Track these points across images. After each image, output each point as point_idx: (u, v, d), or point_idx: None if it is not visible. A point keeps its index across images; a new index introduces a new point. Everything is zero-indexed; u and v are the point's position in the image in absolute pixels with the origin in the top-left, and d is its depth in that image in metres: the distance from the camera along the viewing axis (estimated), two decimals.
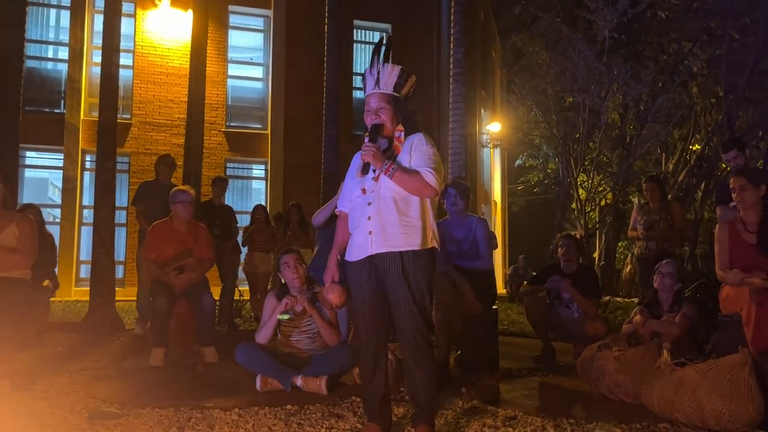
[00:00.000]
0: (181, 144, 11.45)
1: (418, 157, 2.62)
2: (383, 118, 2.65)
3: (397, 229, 2.58)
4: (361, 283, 2.65)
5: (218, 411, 3.17)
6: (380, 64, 2.65)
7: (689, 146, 16.25)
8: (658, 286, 4.29)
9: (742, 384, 2.85)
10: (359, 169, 2.69)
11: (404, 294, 2.57)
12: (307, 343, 3.92)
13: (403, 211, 2.60)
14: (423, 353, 2.61)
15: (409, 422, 2.90)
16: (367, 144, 2.56)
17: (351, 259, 2.69)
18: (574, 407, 3.44)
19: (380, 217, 2.59)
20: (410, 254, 2.58)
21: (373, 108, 2.66)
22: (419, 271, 2.59)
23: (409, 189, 2.59)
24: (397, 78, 2.66)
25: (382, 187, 2.61)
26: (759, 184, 3.59)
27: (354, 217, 2.72)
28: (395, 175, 2.55)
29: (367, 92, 2.70)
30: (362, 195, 2.66)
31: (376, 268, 2.63)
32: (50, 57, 13.30)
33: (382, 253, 2.59)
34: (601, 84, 10.49)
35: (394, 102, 2.67)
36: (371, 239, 2.60)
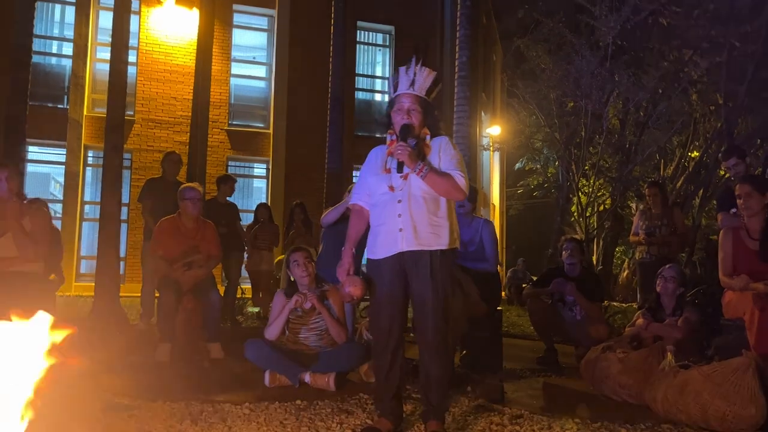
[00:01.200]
0: (184, 141, 11.50)
1: (447, 160, 2.68)
2: (413, 119, 2.71)
3: (427, 227, 2.64)
4: (385, 280, 2.70)
5: (229, 405, 3.21)
6: (418, 67, 2.71)
7: (688, 153, 16.35)
8: (661, 291, 4.36)
9: (745, 386, 2.91)
10: (384, 165, 2.73)
11: (430, 292, 2.63)
12: (314, 340, 3.97)
13: (432, 211, 2.66)
14: (441, 352, 2.67)
15: (417, 418, 2.96)
16: (401, 144, 2.61)
17: (377, 257, 2.73)
18: (578, 407, 3.50)
19: (411, 215, 2.65)
20: (438, 253, 2.65)
21: (405, 107, 2.71)
22: (445, 271, 2.66)
23: (440, 190, 2.65)
24: (431, 83, 2.73)
25: (413, 186, 2.66)
26: (765, 192, 3.65)
27: (379, 214, 2.75)
28: (428, 176, 2.60)
29: (400, 91, 2.75)
30: (390, 192, 2.70)
31: (403, 265, 2.67)
32: (54, 52, 13.31)
33: (412, 251, 2.64)
34: (604, 90, 10.57)
35: (425, 105, 2.74)
36: (402, 236, 2.65)
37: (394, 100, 2.76)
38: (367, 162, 2.88)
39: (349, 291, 2.73)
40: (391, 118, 2.78)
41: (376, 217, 2.79)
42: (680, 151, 16.55)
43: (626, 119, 14.02)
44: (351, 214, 2.93)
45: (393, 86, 2.80)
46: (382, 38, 14.90)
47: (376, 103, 15.00)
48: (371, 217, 2.82)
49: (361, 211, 2.86)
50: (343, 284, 2.76)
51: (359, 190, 2.89)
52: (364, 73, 14.80)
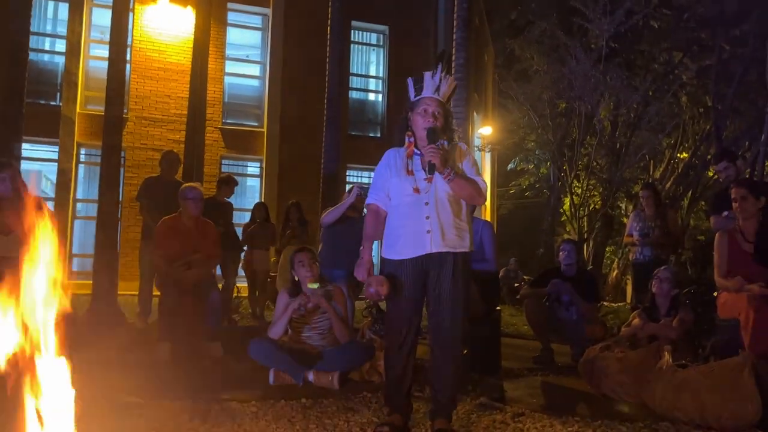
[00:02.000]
0: (177, 140, 11.48)
1: (468, 166, 2.77)
2: (438, 123, 2.77)
3: (453, 230, 2.71)
4: (409, 281, 2.75)
5: (236, 403, 3.26)
6: (443, 74, 2.78)
7: (677, 154, 16.52)
8: (656, 291, 4.44)
9: (742, 385, 3.00)
10: (406, 167, 2.77)
11: (448, 293, 2.70)
12: (317, 339, 4.02)
13: (456, 214, 2.74)
14: (455, 351, 2.74)
15: (423, 416, 3.02)
16: (432, 146, 2.67)
17: (398, 257, 2.78)
18: (578, 406, 3.57)
19: (438, 218, 2.71)
20: (461, 255, 2.72)
21: (430, 111, 2.77)
22: (465, 273, 2.73)
23: (463, 194, 2.72)
24: (451, 92, 2.80)
25: (439, 189, 2.73)
26: (759, 195, 3.74)
27: (403, 215, 2.79)
28: (455, 180, 2.67)
29: (425, 94, 2.81)
30: (415, 194, 2.75)
31: (428, 266, 2.73)
32: (47, 49, 13.25)
33: (439, 253, 2.70)
34: (596, 92, 10.68)
35: (446, 111, 2.81)
36: (430, 238, 2.70)
37: (417, 103, 2.81)
38: (384, 164, 2.90)
39: (376, 290, 2.73)
40: (411, 121, 2.83)
41: (398, 218, 2.82)
42: (669, 153, 16.74)
43: (617, 121, 14.16)
44: (368, 213, 2.97)
45: (415, 90, 2.85)
46: (376, 38, 14.93)
47: (369, 103, 15.03)
48: (392, 218, 2.85)
49: (378, 210, 2.90)
50: (368, 283, 2.76)
51: (377, 191, 2.91)
52: (358, 73, 14.83)
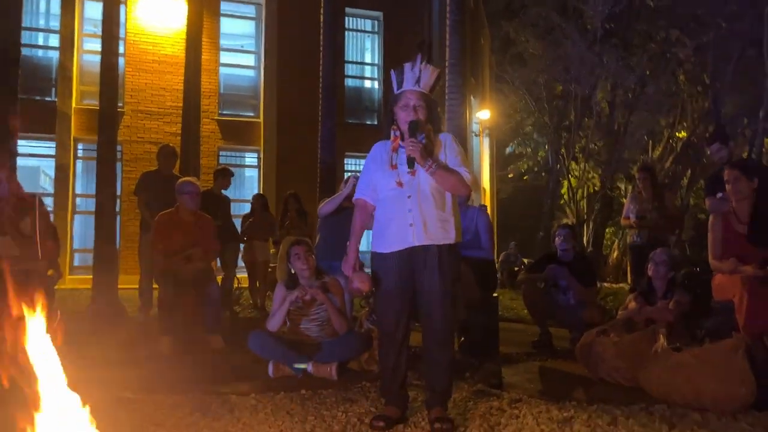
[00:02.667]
0: (174, 132, 11.46)
1: (453, 157, 2.75)
2: (419, 116, 2.76)
3: (436, 222, 2.72)
4: (394, 273, 2.77)
5: (235, 396, 3.28)
6: (423, 64, 2.76)
7: (676, 134, 16.50)
8: (653, 274, 4.45)
9: (735, 367, 3.02)
10: (390, 161, 2.78)
11: (437, 285, 2.71)
12: (316, 330, 4.04)
13: (440, 206, 2.74)
14: (446, 341, 2.76)
15: (420, 405, 3.05)
16: (412, 140, 2.66)
17: (385, 250, 2.80)
18: (575, 390, 3.60)
19: (421, 211, 2.71)
20: (445, 247, 2.73)
21: (411, 104, 2.76)
22: (451, 264, 2.74)
23: (447, 186, 2.72)
24: (434, 81, 2.78)
25: (421, 182, 2.72)
26: (752, 177, 3.75)
27: (388, 209, 2.81)
28: (437, 172, 2.67)
29: (405, 87, 2.79)
30: (398, 188, 2.76)
31: (413, 259, 2.74)
32: (41, 44, 13.19)
33: (422, 246, 2.71)
34: (593, 73, 10.64)
35: (429, 102, 2.80)
36: (413, 231, 2.72)
37: (399, 96, 2.80)
38: (371, 157, 2.92)
39: (357, 286, 2.80)
40: (395, 114, 2.82)
41: (383, 212, 2.84)
42: (668, 132, 16.71)
43: (615, 102, 14.13)
44: (355, 209, 2.97)
45: (397, 83, 2.84)
46: (370, 24, 14.86)
47: (365, 91, 14.99)
48: (378, 212, 2.87)
49: (365, 205, 2.92)
50: (351, 279, 2.82)
51: (364, 186, 2.93)
52: (353, 60, 14.77)
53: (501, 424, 2.83)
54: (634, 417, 2.93)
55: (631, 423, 2.83)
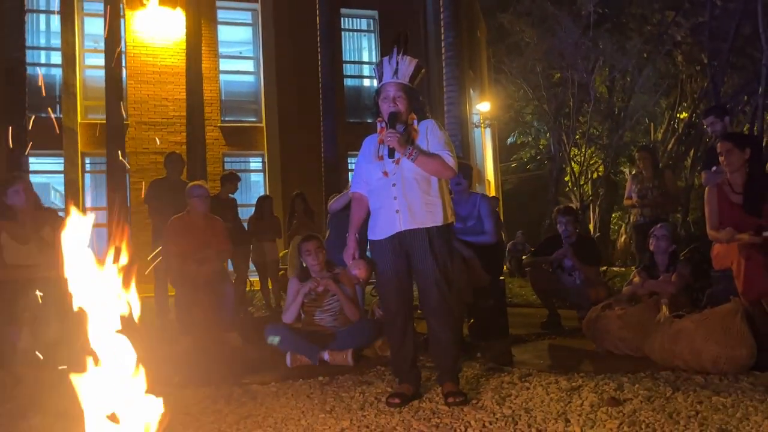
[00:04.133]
0: (179, 141, 11.63)
1: (435, 142, 2.88)
2: (399, 107, 2.89)
3: (422, 207, 2.85)
4: (388, 259, 2.91)
5: (256, 385, 3.43)
6: (400, 56, 2.89)
7: (677, 115, 16.53)
8: (654, 249, 4.57)
9: (735, 330, 3.14)
10: (377, 153, 2.93)
11: (430, 266, 2.84)
12: (329, 320, 4.19)
13: (425, 191, 2.86)
14: (447, 318, 2.89)
15: (433, 383, 3.18)
16: (390, 131, 2.80)
17: (377, 238, 2.95)
18: (582, 363, 3.73)
19: (406, 197, 2.85)
20: (434, 229, 2.85)
21: (390, 96, 2.89)
22: (443, 244, 2.86)
23: (430, 171, 2.85)
24: (413, 70, 2.91)
25: (405, 170, 2.86)
26: (744, 147, 3.86)
27: (377, 198, 2.96)
28: (418, 159, 2.81)
29: (384, 81, 2.92)
30: (384, 177, 2.90)
31: (403, 243, 2.88)
32: (44, 62, 13.39)
33: (410, 230, 2.85)
34: (588, 59, 10.73)
35: (409, 92, 2.92)
36: (399, 218, 2.86)
37: (380, 90, 2.94)
38: (361, 151, 3.09)
39: (355, 273, 2.97)
40: (379, 107, 2.96)
41: (374, 202, 3.00)
42: (669, 114, 16.74)
43: (613, 86, 14.19)
44: (352, 201, 3.14)
45: (378, 76, 2.98)
46: (366, 24, 14.99)
47: (365, 89, 15.11)
48: (370, 202, 3.02)
49: (361, 198, 3.07)
50: (350, 267, 2.98)
51: (357, 179, 3.10)
52: (351, 60, 14.91)
53: (512, 395, 2.96)
54: (639, 383, 3.05)
55: (636, 388, 2.95)
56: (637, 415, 2.53)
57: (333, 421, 2.67)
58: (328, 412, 2.82)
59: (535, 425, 2.47)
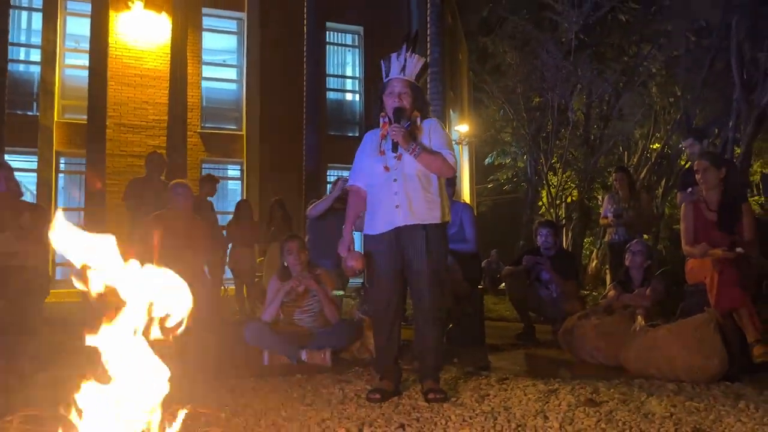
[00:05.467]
0: (157, 145, 11.52)
1: (437, 140, 2.92)
2: (404, 103, 2.93)
3: (422, 203, 2.88)
4: (384, 253, 2.93)
5: (234, 380, 3.40)
6: (408, 53, 2.94)
7: (650, 145, 16.92)
8: (630, 264, 4.67)
9: (708, 339, 3.22)
10: (379, 147, 2.96)
11: (425, 263, 2.87)
12: (308, 321, 4.18)
13: (426, 188, 2.90)
14: (435, 317, 2.92)
15: (412, 383, 3.19)
16: (396, 125, 2.84)
17: (374, 232, 2.96)
18: (558, 370, 3.77)
19: (406, 193, 2.88)
20: (432, 227, 2.89)
21: (396, 92, 2.94)
22: (439, 242, 2.90)
23: (432, 168, 2.89)
24: (420, 70, 2.97)
25: (407, 165, 2.89)
26: (720, 167, 3.99)
27: (376, 193, 2.98)
28: (421, 155, 2.84)
29: (392, 76, 2.97)
30: (385, 172, 2.93)
31: (400, 239, 2.90)
32: (22, 59, 13.22)
33: (409, 225, 2.87)
34: (568, 83, 10.97)
35: (415, 89, 2.98)
36: (398, 212, 2.88)
37: (386, 85, 2.99)
38: (362, 145, 3.11)
39: (351, 264, 2.97)
40: (383, 102, 3.00)
41: (373, 196, 3.02)
42: (642, 143, 17.14)
43: (590, 112, 14.49)
44: (349, 195, 3.15)
45: (384, 72, 3.02)
46: (351, 39, 15.12)
47: (347, 103, 15.21)
48: (369, 197, 3.04)
49: (359, 192, 3.09)
50: (345, 259, 2.99)
51: (356, 173, 3.11)
52: (335, 74, 15.00)
53: (491, 395, 2.99)
54: (614, 387, 3.11)
55: (612, 392, 3.01)
56: (614, 415, 2.58)
57: (313, 412, 2.66)
58: (308, 405, 2.81)
59: (515, 420, 2.50)
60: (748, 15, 11.12)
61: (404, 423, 2.48)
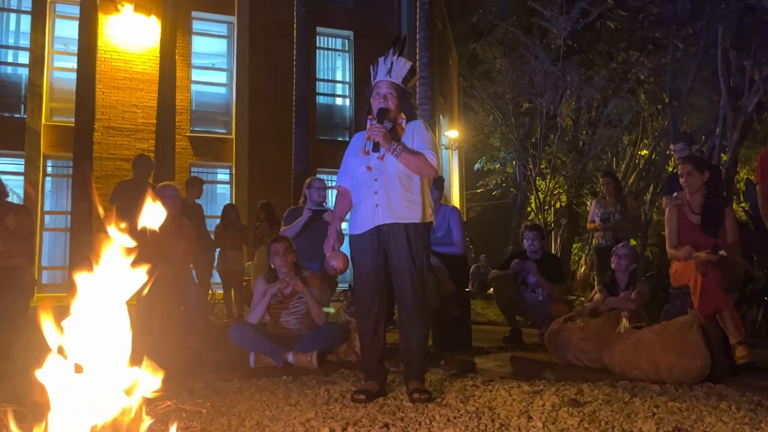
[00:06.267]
0: (146, 149, 11.48)
1: (420, 140, 2.94)
2: (389, 104, 2.96)
3: (402, 203, 2.89)
4: (366, 253, 2.94)
5: (219, 381, 3.39)
6: (395, 57, 2.97)
7: (638, 151, 17.05)
8: (615, 267, 4.70)
9: (691, 341, 3.25)
10: (363, 148, 2.98)
11: (406, 262, 2.88)
12: (295, 323, 4.17)
13: (407, 188, 2.91)
14: (419, 316, 2.93)
15: (398, 384, 3.20)
16: (376, 125, 2.86)
17: (357, 232, 2.98)
18: (543, 372, 3.79)
19: (386, 192, 2.89)
20: (412, 226, 2.90)
21: (381, 93, 2.96)
22: (420, 242, 2.91)
23: (413, 168, 2.91)
24: (407, 72, 2.99)
25: (388, 165, 2.91)
26: (703, 170, 4.04)
27: (359, 192, 3.00)
28: (401, 155, 2.86)
29: (378, 78, 3.00)
30: (368, 172, 2.95)
31: (381, 238, 2.92)
32: (10, 62, 13.14)
33: (388, 224, 2.89)
34: (557, 88, 11.05)
35: (401, 92, 3.00)
36: (378, 211, 2.90)
37: (374, 87, 3.01)
38: (350, 146, 3.14)
39: (333, 264, 2.99)
40: (371, 104, 3.03)
41: (356, 196, 3.04)
42: (631, 150, 17.27)
43: (579, 119, 14.60)
44: (336, 195, 3.18)
45: (373, 75, 3.05)
46: (341, 43, 15.16)
47: (336, 108, 15.23)
48: (353, 197, 3.06)
49: (345, 192, 3.11)
50: (328, 258, 3.00)
51: (342, 173, 3.14)
52: (325, 78, 15.03)
53: (476, 395, 3.00)
54: (599, 389, 3.13)
55: (596, 393, 3.03)
56: (597, 415, 2.59)
57: (298, 412, 2.66)
58: (293, 405, 2.81)
59: (499, 420, 2.51)
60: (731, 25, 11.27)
61: (389, 423, 2.48)
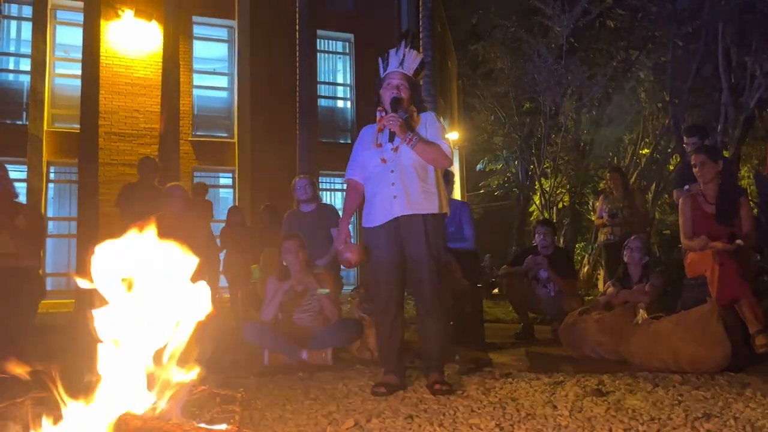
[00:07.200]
0: (149, 154, 11.44)
1: (433, 131, 2.93)
2: (402, 94, 2.94)
3: (419, 194, 2.87)
4: (382, 246, 2.91)
5: (235, 378, 3.36)
6: (407, 49, 2.95)
7: (639, 150, 17.05)
8: (628, 260, 4.67)
9: (711, 330, 3.22)
10: (375, 140, 2.95)
11: (424, 253, 2.85)
12: (309, 320, 4.14)
13: (423, 178, 2.90)
14: (437, 308, 2.90)
15: (416, 378, 3.17)
16: (392, 114, 2.84)
17: (373, 224, 2.95)
18: (561, 365, 3.75)
19: (403, 183, 2.87)
20: (430, 217, 2.88)
21: (394, 84, 2.94)
22: (437, 233, 2.89)
23: (428, 158, 2.89)
24: (418, 65, 2.97)
25: (403, 157, 2.89)
26: (717, 160, 4.02)
27: (374, 185, 2.97)
28: (417, 145, 2.84)
29: (390, 69, 2.98)
30: (382, 164, 2.92)
31: (399, 230, 2.89)
32: (12, 69, 13.14)
33: (406, 216, 2.86)
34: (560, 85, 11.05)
35: (412, 83, 2.98)
36: (396, 203, 2.87)
37: (384, 79, 3.00)
38: (359, 139, 3.11)
39: (347, 257, 2.95)
40: (381, 96, 3.01)
41: (370, 189, 3.00)
42: (632, 148, 17.27)
43: (579, 118, 14.61)
44: (346, 189, 3.15)
45: (383, 67, 3.03)
46: (341, 46, 15.16)
47: (338, 110, 15.22)
48: (366, 190, 3.03)
49: (356, 185, 3.08)
50: (342, 251, 2.97)
51: (353, 166, 3.11)
52: (326, 81, 15.03)
53: (496, 387, 2.97)
54: (620, 379, 3.10)
55: (618, 383, 3.00)
56: (622, 403, 2.57)
57: (319, 406, 2.63)
58: (313, 399, 2.78)
59: (524, 410, 2.48)
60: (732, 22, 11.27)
61: (412, 414, 2.45)
